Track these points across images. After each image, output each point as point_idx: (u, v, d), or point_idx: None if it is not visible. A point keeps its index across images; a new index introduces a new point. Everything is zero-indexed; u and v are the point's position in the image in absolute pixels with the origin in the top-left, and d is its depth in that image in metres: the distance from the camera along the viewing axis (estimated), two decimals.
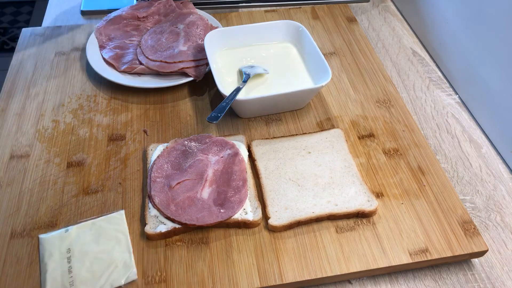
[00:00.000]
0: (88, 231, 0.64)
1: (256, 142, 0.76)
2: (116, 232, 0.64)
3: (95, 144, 0.76)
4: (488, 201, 0.74)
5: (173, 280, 0.60)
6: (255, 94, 0.80)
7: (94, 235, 0.63)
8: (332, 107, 0.84)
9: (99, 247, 0.62)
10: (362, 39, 0.99)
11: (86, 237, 0.63)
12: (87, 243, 0.63)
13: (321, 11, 1.06)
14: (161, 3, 0.99)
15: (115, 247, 0.63)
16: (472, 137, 0.83)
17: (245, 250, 0.63)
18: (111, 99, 0.84)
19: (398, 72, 0.95)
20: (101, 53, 0.89)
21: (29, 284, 0.60)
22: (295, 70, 0.86)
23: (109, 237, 0.63)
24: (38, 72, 0.89)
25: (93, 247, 0.62)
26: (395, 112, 0.83)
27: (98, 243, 0.63)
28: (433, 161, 0.75)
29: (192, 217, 0.64)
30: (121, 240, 0.63)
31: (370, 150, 0.77)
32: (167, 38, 0.91)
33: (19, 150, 0.75)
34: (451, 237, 0.65)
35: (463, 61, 0.89)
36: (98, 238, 0.63)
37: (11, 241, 0.64)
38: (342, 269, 0.62)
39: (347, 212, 0.66)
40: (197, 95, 0.85)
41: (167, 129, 0.79)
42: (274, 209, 0.66)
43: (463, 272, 0.65)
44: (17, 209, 0.67)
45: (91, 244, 0.63)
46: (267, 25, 0.90)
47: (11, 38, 2.32)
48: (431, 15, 0.98)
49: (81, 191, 0.70)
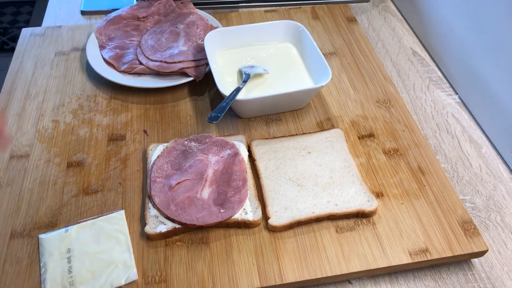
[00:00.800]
0: (88, 231, 0.64)
1: (256, 142, 0.76)
2: (116, 232, 0.64)
3: (95, 144, 0.76)
4: (488, 201, 0.74)
5: (173, 280, 0.60)
6: (255, 94, 0.80)
7: (94, 235, 0.63)
8: (332, 107, 0.84)
9: (99, 247, 0.62)
10: (362, 39, 0.99)
11: (86, 237, 0.63)
12: (87, 243, 0.63)
13: (321, 11, 1.06)
14: (161, 3, 0.99)
15: (115, 247, 0.63)
16: (472, 137, 0.83)
17: (245, 250, 0.63)
18: (111, 99, 0.84)
19: (398, 72, 0.95)
20: (101, 53, 0.89)
21: (29, 284, 0.60)
22: (295, 70, 0.86)
23: (109, 237, 0.63)
24: (38, 72, 0.89)
25: (93, 247, 0.62)
26: (395, 112, 0.83)
27: (98, 243, 0.63)
28: (433, 161, 0.75)
29: (192, 217, 0.64)
30: (121, 240, 0.63)
31: (370, 150, 0.77)
32: (167, 38, 0.91)
33: (19, 150, 0.75)
34: (451, 237, 0.65)
35: (463, 61, 0.89)
36: (98, 238, 0.63)
37: (11, 241, 0.64)
38: (342, 269, 0.62)
39: (347, 212, 0.66)
40: (197, 95, 0.85)
41: (167, 129, 0.79)
42: (274, 209, 0.66)
43: (463, 272, 0.65)
44: (17, 209, 0.67)
45: (91, 244, 0.63)
46: (267, 25, 0.90)
47: (11, 38, 2.32)
48: (431, 15, 0.98)
49: (81, 191, 0.70)
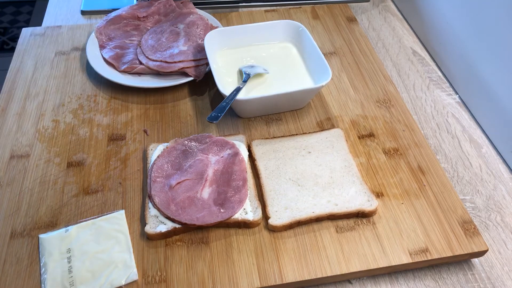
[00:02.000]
0: (88, 231, 0.64)
1: (256, 142, 0.76)
2: (116, 232, 0.64)
3: (95, 144, 0.76)
4: (488, 201, 0.74)
5: (173, 280, 0.60)
6: (255, 94, 0.80)
7: (94, 235, 0.63)
8: (332, 107, 0.84)
9: (99, 247, 0.62)
10: (362, 39, 0.99)
11: (86, 237, 0.63)
12: (87, 243, 0.63)
13: (321, 11, 1.06)
14: (161, 3, 0.99)
15: (115, 247, 0.63)
16: (472, 137, 0.83)
17: (245, 250, 0.63)
18: (111, 99, 0.84)
19: (398, 72, 0.95)
20: (101, 53, 0.89)
21: (29, 284, 0.60)
22: (295, 70, 0.86)
23: (109, 237, 0.63)
24: (38, 72, 0.89)
25: (93, 247, 0.62)
26: (395, 112, 0.83)
27: (98, 243, 0.63)
28: (433, 161, 0.75)
29: (192, 217, 0.64)
30: (121, 240, 0.63)
31: (370, 150, 0.77)
32: (167, 38, 0.91)
33: (19, 150, 0.75)
34: (451, 237, 0.65)
35: (463, 61, 0.89)
36: (98, 238, 0.63)
37: (11, 241, 0.64)
38: (342, 269, 0.62)
39: (347, 212, 0.66)
40: (197, 95, 0.85)
41: (167, 129, 0.79)
42: (274, 209, 0.66)
43: (463, 272, 0.65)
44: (17, 209, 0.67)
45: (91, 244, 0.63)
46: (267, 25, 0.90)
47: (11, 38, 2.32)
48: (431, 15, 0.98)
49: (81, 191, 0.70)
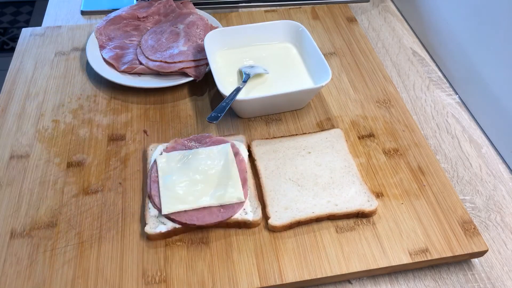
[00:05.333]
0: (203, 155, 0.70)
1: (256, 142, 0.76)
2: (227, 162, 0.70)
3: (95, 144, 0.76)
4: (488, 201, 0.74)
5: (173, 280, 0.60)
6: (255, 94, 0.80)
7: (211, 159, 0.70)
8: (332, 107, 0.84)
9: (216, 167, 0.69)
10: (362, 39, 0.99)
11: (201, 160, 0.69)
12: (204, 163, 0.69)
13: (321, 11, 1.06)
14: (161, 3, 0.99)
15: (231, 170, 0.68)
16: (472, 137, 0.83)
17: (245, 250, 0.63)
18: (111, 99, 0.84)
19: (398, 72, 0.95)
20: (101, 53, 0.89)
21: (29, 284, 0.60)
22: (295, 70, 0.86)
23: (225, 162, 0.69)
24: (38, 72, 0.89)
25: (209, 165, 0.69)
26: (395, 112, 0.83)
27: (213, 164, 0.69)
28: (433, 161, 0.75)
29: (192, 217, 0.64)
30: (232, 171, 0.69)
31: (370, 150, 0.77)
32: (167, 38, 0.91)
33: (19, 150, 0.75)
34: (451, 237, 0.65)
35: (463, 61, 0.89)
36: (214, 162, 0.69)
37: (11, 241, 0.64)
38: (342, 269, 0.62)
39: (347, 212, 0.66)
40: (197, 95, 0.85)
41: (167, 129, 0.79)
42: (274, 209, 0.66)
43: (463, 272, 0.65)
44: (17, 209, 0.67)
45: (208, 163, 0.69)
46: (267, 25, 0.90)
47: (11, 38, 2.32)
48: (431, 15, 0.98)
49: (81, 191, 0.70)
